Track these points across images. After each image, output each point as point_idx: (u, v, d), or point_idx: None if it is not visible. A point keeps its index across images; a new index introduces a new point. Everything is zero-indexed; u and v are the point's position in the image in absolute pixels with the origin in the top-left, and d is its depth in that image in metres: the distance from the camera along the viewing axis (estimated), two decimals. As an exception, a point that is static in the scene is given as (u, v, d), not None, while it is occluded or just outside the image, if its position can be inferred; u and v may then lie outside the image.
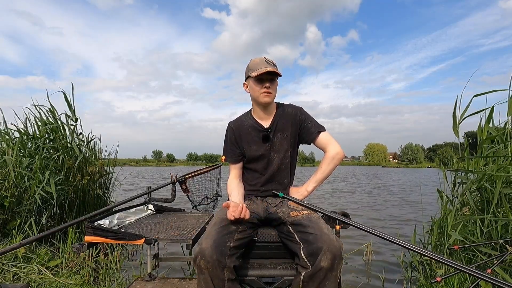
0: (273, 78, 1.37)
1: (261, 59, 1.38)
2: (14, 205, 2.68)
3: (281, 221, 1.26)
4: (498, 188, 2.05)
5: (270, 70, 1.32)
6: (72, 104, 3.42)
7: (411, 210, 6.24)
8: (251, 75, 1.37)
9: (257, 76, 1.35)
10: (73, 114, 3.42)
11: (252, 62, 1.41)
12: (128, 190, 8.95)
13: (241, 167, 1.51)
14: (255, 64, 1.37)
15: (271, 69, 1.32)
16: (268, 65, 1.34)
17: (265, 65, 1.34)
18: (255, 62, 1.38)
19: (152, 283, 1.62)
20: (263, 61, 1.37)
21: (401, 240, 1.06)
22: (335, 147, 1.41)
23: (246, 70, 1.43)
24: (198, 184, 2.26)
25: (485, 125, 2.39)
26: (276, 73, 1.35)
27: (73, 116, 3.42)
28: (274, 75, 1.36)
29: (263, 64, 1.35)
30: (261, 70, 1.33)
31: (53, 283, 2.05)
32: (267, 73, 1.33)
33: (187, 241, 1.35)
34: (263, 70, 1.32)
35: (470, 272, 0.95)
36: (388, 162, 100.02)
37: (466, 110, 2.44)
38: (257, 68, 1.35)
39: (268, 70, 1.32)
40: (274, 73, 1.34)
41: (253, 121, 1.47)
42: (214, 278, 1.03)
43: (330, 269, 1.02)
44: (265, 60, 1.37)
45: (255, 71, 1.34)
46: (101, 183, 3.53)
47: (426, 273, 2.35)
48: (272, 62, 1.38)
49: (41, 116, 3.35)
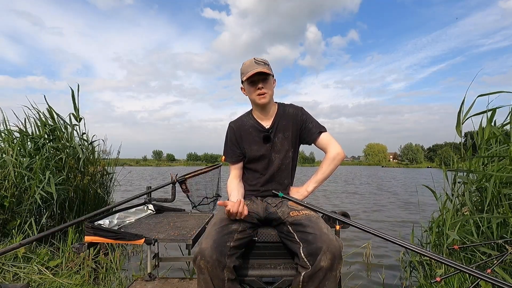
0: (265, 77, 1.36)
1: (250, 61, 1.37)
2: (14, 205, 2.68)
3: (281, 221, 1.26)
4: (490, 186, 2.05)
5: (259, 71, 1.31)
6: (77, 104, 3.43)
7: (411, 210, 6.24)
8: (243, 79, 1.37)
9: (248, 79, 1.35)
10: (77, 114, 3.43)
11: (243, 65, 1.40)
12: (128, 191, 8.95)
13: (241, 167, 1.51)
14: (246, 67, 1.36)
15: (260, 69, 1.31)
16: (257, 66, 1.33)
17: (255, 66, 1.33)
18: (246, 65, 1.38)
19: (152, 283, 1.62)
20: (252, 62, 1.35)
21: (401, 240, 1.07)
22: (336, 148, 1.41)
23: (240, 74, 1.42)
24: (198, 184, 2.26)
25: (487, 125, 2.39)
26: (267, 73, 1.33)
27: (77, 116, 3.43)
28: (265, 75, 1.35)
29: (252, 66, 1.34)
30: (250, 72, 1.32)
31: (53, 283, 2.05)
32: (258, 74, 1.33)
33: (187, 241, 1.35)
34: (252, 72, 1.32)
35: (470, 272, 0.95)
36: (388, 162, 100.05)
37: (469, 110, 2.44)
38: (247, 70, 1.34)
39: (257, 71, 1.31)
40: (265, 73, 1.33)
41: (254, 121, 1.47)
42: (214, 278, 1.03)
43: (330, 269, 1.03)
44: (254, 61, 1.35)
45: (245, 74, 1.34)
46: (102, 183, 3.53)
47: (426, 273, 2.35)
48: (263, 62, 1.36)
49: (40, 116, 3.35)
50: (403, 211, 6.25)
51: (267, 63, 1.38)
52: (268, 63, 1.39)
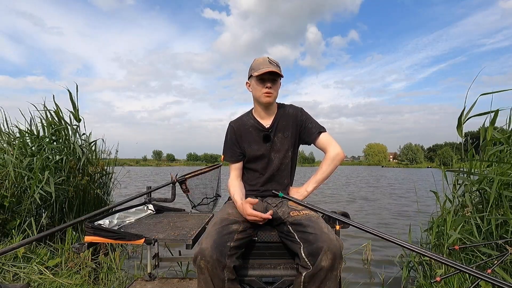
0: (275, 78, 1.37)
1: (264, 59, 1.38)
2: (14, 205, 2.67)
3: (281, 221, 1.26)
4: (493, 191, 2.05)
5: (271, 71, 1.32)
6: (76, 104, 3.43)
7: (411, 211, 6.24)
8: (253, 74, 1.37)
9: (259, 76, 1.35)
10: (77, 115, 3.43)
11: (255, 61, 1.41)
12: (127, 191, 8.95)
13: (241, 167, 1.51)
14: (258, 64, 1.37)
15: (273, 69, 1.32)
16: (270, 65, 1.34)
17: (268, 65, 1.34)
18: (258, 61, 1.39)
19: (152, 283, 1.62)
20: (266, 61, 1.37)
21: (401, 240, 1.06)
22: (336, 148, 1.42)
23: (250, 69, 1.43)
24: (198, 184, 2.26)
25: (489, 126, 2.38)
26: (278, 74, 1.35)
27: (76, 116, 3.42)
28: (276, 76, 1.36)
29: (266, 64, 1.35)
30: (262, 70, 1.33)
31: (53, 283, 2.05)
32: (269, 73, 1.33)
33: (187, 241, 1.35)
34: (265, 70, 1.32)
35: (470, 272, 0.95)
36: (388, 162, 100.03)
37: (471, 109, 2.43)
38: (259, 67, 1.35)
39: (270, 70, 1.32)
40: (276, 73, 1.34)
41: (254, 120, 1.47)
42: (214, 278, 1.03)
43: (331, 268, 1.03)
44: (268, 60, 1.37)
45: (257, 71, 1.35)
46: (101, 183, 3.52)
47: (425, 273, 2.35)
48: (275, 63, 1.38)
49: (47, 116, 3.35)
50: (403, 210, 6.25)
51: (279, 65, 1.40)
52: (280, 65, 1.40)
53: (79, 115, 3.44)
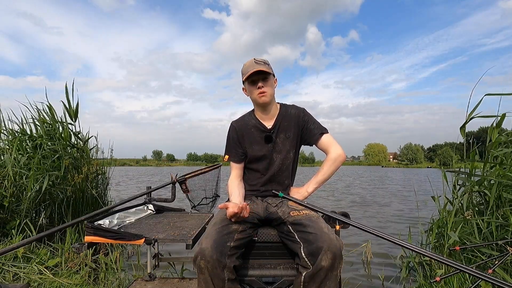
0: (265, 76, 1.37)
1: (250, 61, 1.39)
2: (13, 204, 2.67)
3: (281, 221, 1.26)
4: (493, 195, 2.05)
5: (258, 70, 1.33)
6: (72, 102, 3.41)
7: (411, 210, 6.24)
8: (243, 79, 1.39)
9: (249, 78, 1.36)
10: (72, 112, 3.41)
11: (243, 66, 1.42)
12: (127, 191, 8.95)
13: (242, 167, 1.51)
14: (246, 67, 1.38)
15: (259, 68, 1.33)
16: (257, 65, 1.35)
17: (254, 66, 1.35)
18: (246, 65, 1.40)
19: (152, 283, 1.62)
20: (252, 62, 1.37)
21: (401, 240, 1.06)
22: (337, 150, 1.42)
23: (241, 74, 1.43)
24: (198, 184, 2.26)
25: (494, 129, 2.37)
26: (266, 72, 1.35)
27: (72, 114, 3.40)
28: (265, 74, 1.36)
29: (252, 65, 1.36)
30: (250, 71, 1.34)
31: (53, 283, 2.05)
32: (257, 72, 1.34)
33: (187, 241, 1.35)
34: (252, 71, 1.33)
35: (470, 272, 0.95)
36: (388, 162, 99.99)
37: (474, 109, 2.42)
38: (247, 70, 1.36)
39: (256, 70, 1.33)
40: (264, 71, 1.34)
41: (256, 121, 1.47)
42: (214, 278, 1.03)
43: (331, 268, 1.03)
44: (254, 61, 1.37)
45: (245, 74, 1.36)
46: (96, 182, 3.47)
47: (425, 273, 2.35)
48: (262, 61, 1.38)
49: (39, 115, 3.34)
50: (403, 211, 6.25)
51: (267, 62, 1.40)
52: (268, 63, 1.40)
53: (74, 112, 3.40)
